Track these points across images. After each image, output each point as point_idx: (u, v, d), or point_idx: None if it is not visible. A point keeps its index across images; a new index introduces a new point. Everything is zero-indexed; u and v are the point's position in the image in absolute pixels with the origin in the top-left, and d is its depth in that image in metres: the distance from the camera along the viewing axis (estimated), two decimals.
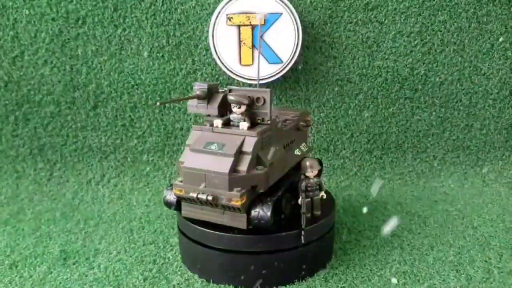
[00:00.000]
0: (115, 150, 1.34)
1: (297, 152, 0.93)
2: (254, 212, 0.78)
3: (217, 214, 0.80)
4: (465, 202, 1.25)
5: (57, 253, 0.97)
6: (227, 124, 0.81)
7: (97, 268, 0.92)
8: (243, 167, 0.75)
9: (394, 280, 0.89)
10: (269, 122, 0.81)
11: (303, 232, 0.81)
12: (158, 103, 0.74)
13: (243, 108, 0.79)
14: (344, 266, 0.92)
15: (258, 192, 0.79)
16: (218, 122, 0.79)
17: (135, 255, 0.97)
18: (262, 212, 0.77)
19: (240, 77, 1.23)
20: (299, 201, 0.85)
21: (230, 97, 0.78)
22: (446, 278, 0.88)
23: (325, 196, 0.90)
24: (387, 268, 0.92)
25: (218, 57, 1.22)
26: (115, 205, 1.23)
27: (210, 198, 0.74)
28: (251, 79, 1.23)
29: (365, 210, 1.17)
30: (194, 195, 0.75)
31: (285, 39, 1.20)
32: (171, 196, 0.87)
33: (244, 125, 0.78)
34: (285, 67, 1.22)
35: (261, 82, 1.22)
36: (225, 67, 1.23)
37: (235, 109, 0.79)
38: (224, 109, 0.83)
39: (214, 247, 0.82)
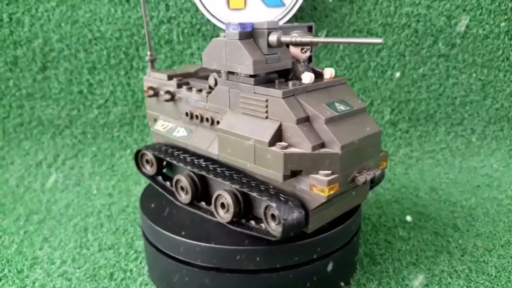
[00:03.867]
0: (71, 123, 1.19)
1: None
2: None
3: (347, 199, 0.66)
4: None
5: None
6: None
7: (31, 286, 0.75)
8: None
9: None
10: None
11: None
12: None
13: None
14: (375, 282, 0.73)
15: None
16: (310, 76, 0.63)
17: (85, 266, 0.80)
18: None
19: None
20: None
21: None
22: None
23: None
24: (434, 284, 0.72)
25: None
26: (69, 193, 1.07)
27: (378, 173, 0.62)
28: None
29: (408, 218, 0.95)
30: (363, 179, 0.60)
31: None
32: (298, 216, 0.59)
33: (332, 71, 0.66)
34: (288, 12, 1.04)
35: None
36: (209, 12, 1.06)
37: (306, 53, 0.65)
38: None
39: (194, 263, 0.65)
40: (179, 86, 0.73)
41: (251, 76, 0.61)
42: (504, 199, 1.00)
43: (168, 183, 0.77)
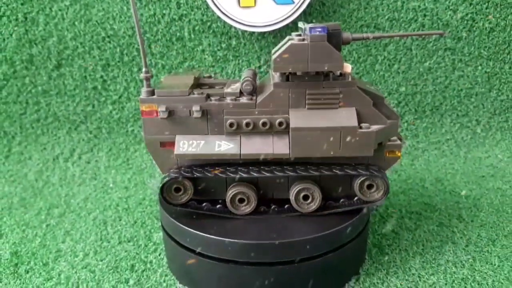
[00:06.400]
0: (86, 119, 1.19)
1: None
2: None
3: None
4: None
5: (7, 257, 0.83)
6: None
7: (57, 278, 0.77)
8: None
9: None
10: None
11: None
12: None
13: None
14: (382, 271, 0.76)
15: None
16: (350, 67, 0.69)
17: (107, 258, 0.82)
18: None
19: (239, 23, 1.06)
20: None
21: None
22: None
23: None
24: (440, 273, 0.75)
25: None
26: (87, 187, 1.09)
27: None
28: (253, 26, 1.05)
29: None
30: (403, 139, 0.73)
31: None
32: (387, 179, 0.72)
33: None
34: (297, 9, 1.04)
35: (266, 29, 1.06)
36: (220, 10, 1.06)
37: None
38: None
39: (211, 256, 0.67)
40: (207, 98, 0.67)
41: (317, 73, 0.65)
42: (508, 190, 1.01)
43: (205, 204, 0.72)
